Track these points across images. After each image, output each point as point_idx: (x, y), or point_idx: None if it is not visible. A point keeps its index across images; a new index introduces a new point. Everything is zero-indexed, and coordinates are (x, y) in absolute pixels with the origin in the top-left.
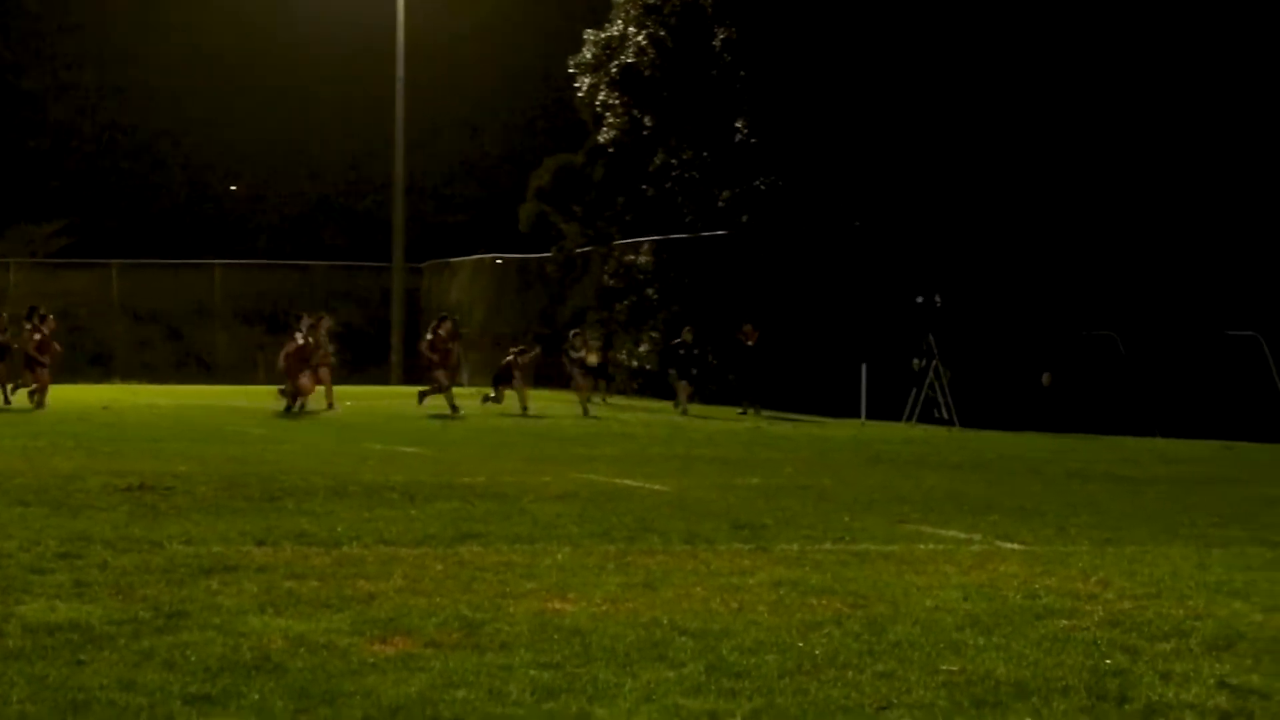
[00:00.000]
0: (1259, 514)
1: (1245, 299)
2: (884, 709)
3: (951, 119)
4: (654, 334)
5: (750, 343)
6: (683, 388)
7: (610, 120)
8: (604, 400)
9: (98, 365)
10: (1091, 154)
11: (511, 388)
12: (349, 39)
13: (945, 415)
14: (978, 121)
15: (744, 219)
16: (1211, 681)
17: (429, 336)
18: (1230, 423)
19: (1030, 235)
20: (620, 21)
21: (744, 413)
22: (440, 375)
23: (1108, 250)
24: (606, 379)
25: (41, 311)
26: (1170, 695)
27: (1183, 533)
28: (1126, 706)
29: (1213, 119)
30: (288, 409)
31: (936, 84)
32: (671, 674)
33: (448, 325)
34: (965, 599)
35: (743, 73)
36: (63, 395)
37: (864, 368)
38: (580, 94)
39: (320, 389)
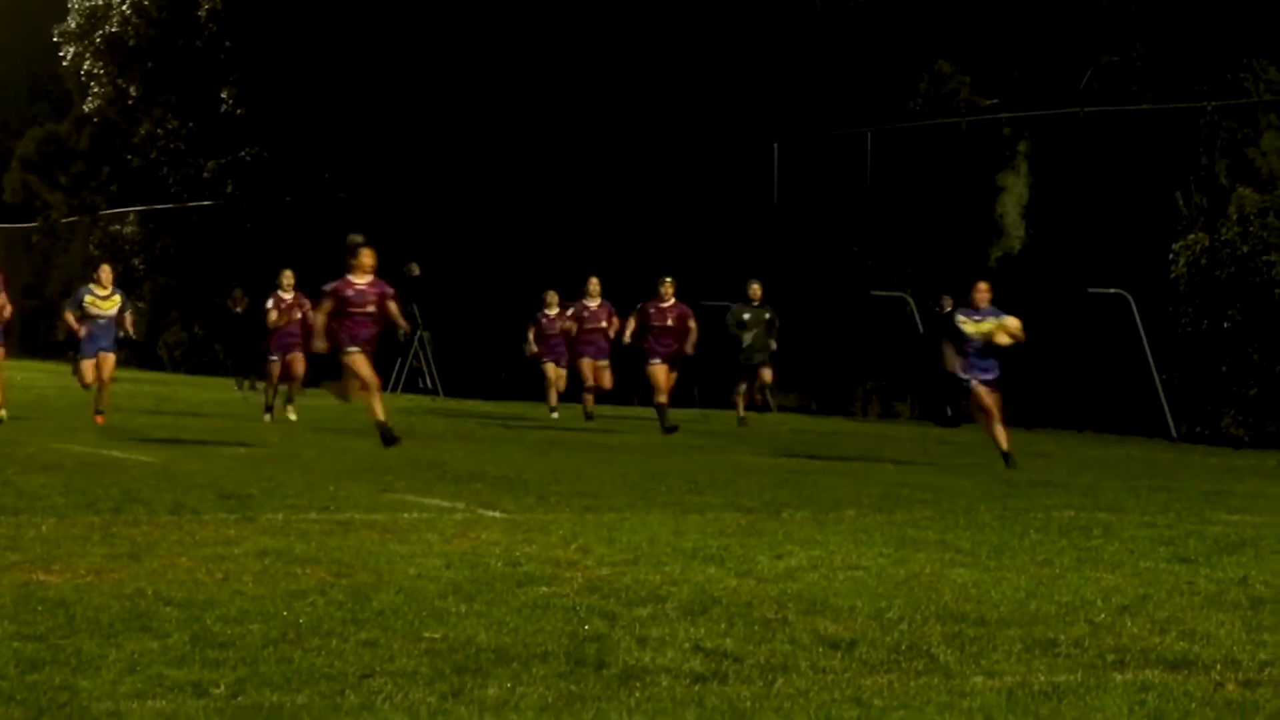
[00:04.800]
0: (734, 480)
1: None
2: (367, 677)
3: (430, 92)
4: (140, 304)
5: (239, 309)
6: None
7: (95, 90)
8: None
9: None
10: (562, 129)
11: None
12: None
13: (430, 385)
14: (458, 94)
15: (230, 189)
16: (687, 645)
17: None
18: (707, 391)
19: (511, 205)
20: None
21: (240, 388)
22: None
23: (585, 221)
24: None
25: None
26: (647, 659)
27: (660, 500)
28: (604, 671)
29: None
30: None
31: (414, 56)
32: (156, 644)
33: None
34: (448, 567)
35: (228, 43)
36: None
37: None
38: (65, 63)
39: None
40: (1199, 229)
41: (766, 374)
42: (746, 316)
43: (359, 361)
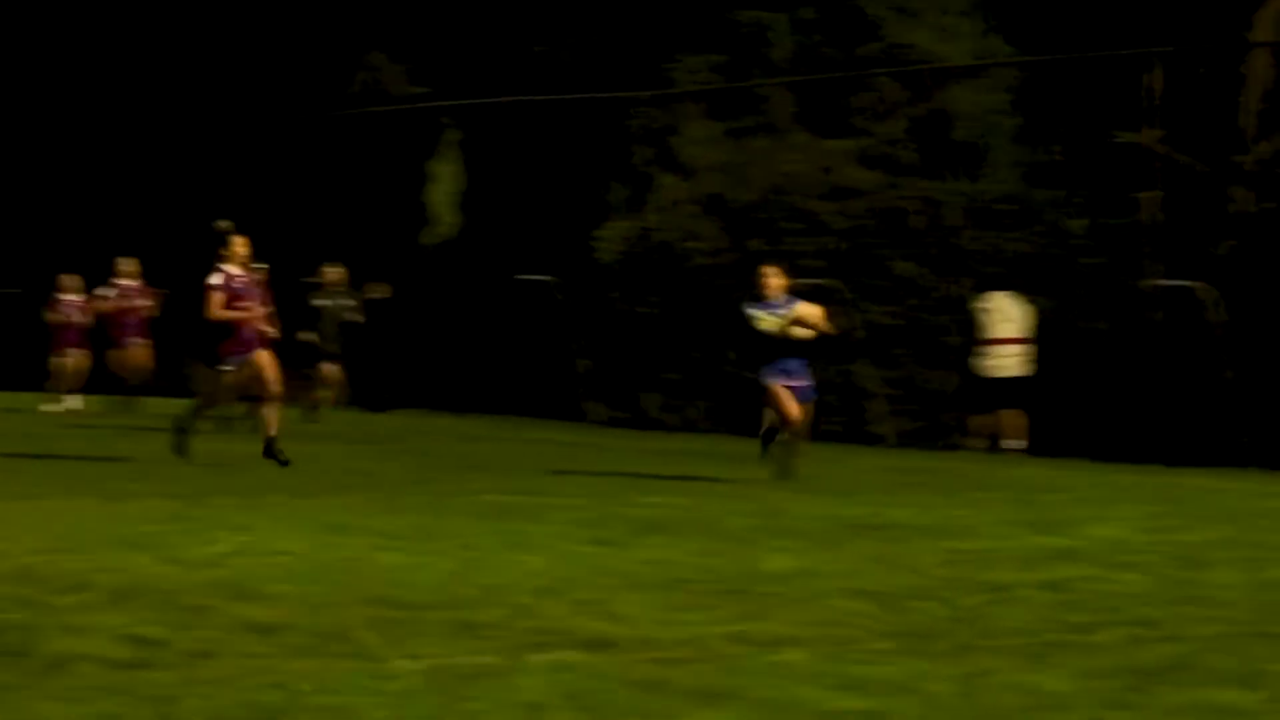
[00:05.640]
0: (165, 468)
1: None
2: None
3: None
4: None
5: None
6: None
7: None
8: None
9: None
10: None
11: None
12: None
13: None
14: None
15: None
16: (113, 633)
17: None
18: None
19: None
20: None
21: None
22: None
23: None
24: None
25: None
26: (72, 647)
27: (93, 488)
28: (28, 660)
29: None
30: None
31: None
32: None
33: None
34: None
35: None
36: None
37: None
38: None
39: None
40: (625, 216)
41: (330, 370)
42: (322, 303)
43: (267, 361)
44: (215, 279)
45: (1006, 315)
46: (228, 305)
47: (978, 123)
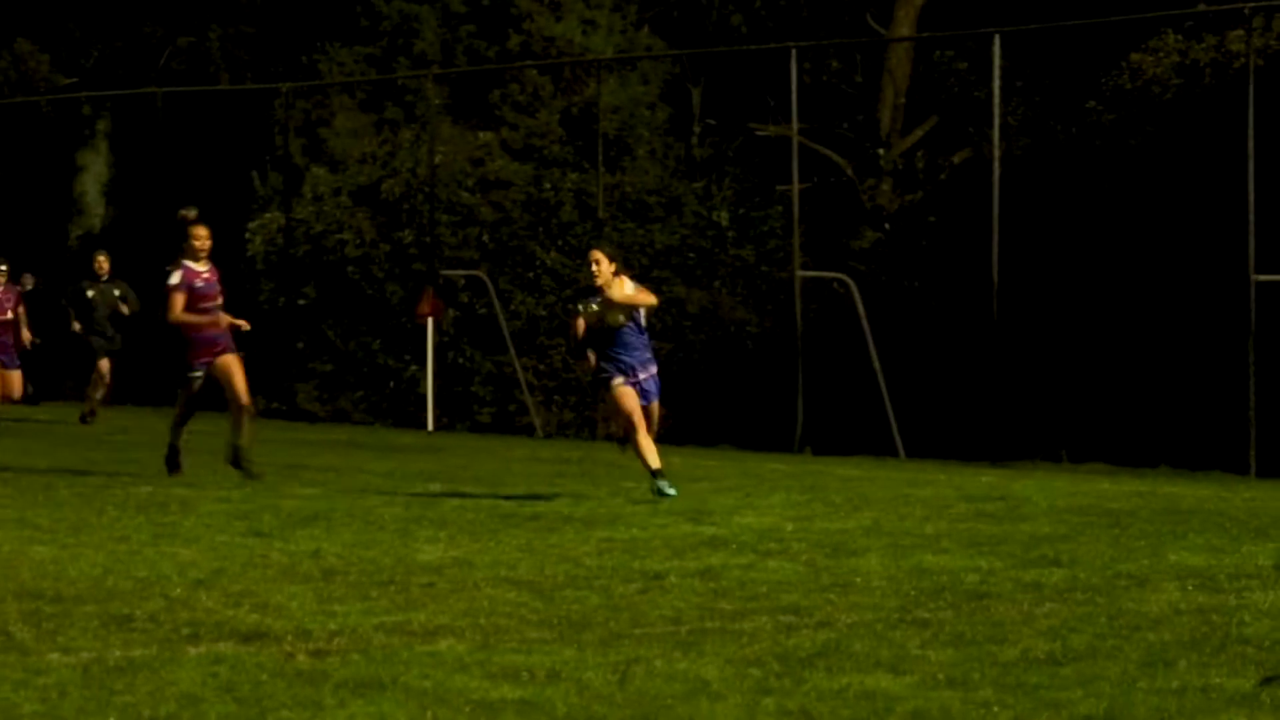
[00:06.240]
0: None
1: None
2: None
3: None
4: None
5: None
6: None
7: None
8: None
9: None
10: None
11: None
12: None
13: None
14: None
15: None
16: None
17: None
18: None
19: None
20: None
21: None
22: None
23: None
24: None
25: None
26: None
27: None
28: None
29: None
30: None
31: None
32: None
33: None
34: None
35: None
36: None
37: None
38: None
39: None
40: (275, 208)
41: (105, 365)
42: (91, 295)
43: (235, 366)
44: (175, 278)
45: None
46: (189, 307)
47: (625, 115)
